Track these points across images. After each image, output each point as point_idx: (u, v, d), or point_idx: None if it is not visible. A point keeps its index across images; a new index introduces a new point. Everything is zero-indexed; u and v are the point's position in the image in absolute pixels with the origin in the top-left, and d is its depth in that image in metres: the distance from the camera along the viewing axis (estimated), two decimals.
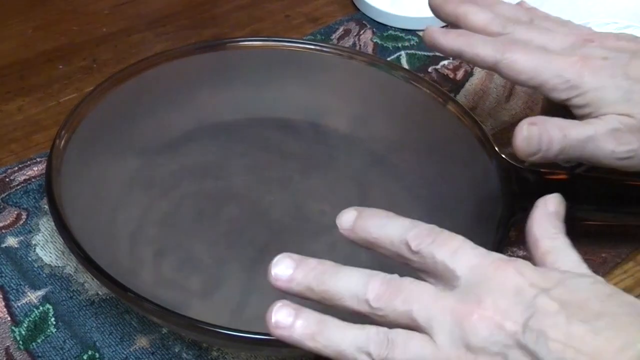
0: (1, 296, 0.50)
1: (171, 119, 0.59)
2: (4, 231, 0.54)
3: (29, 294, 0.50)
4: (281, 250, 0.52)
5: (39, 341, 0.48)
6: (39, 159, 0.58)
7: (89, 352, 0.48)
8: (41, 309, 0.50)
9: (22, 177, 0.57)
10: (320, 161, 0.59)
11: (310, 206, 0.56)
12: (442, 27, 0.51)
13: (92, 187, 0.52)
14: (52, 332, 0.49)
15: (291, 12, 0.74)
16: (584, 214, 0.52)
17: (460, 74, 0.68)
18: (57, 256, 0.52)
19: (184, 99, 0.59)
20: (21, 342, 0.48)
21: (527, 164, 0.50)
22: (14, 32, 0.69)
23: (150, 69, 0.58)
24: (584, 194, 0.52)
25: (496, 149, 0.53)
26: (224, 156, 0.58)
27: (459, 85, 0.67)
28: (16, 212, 0.55)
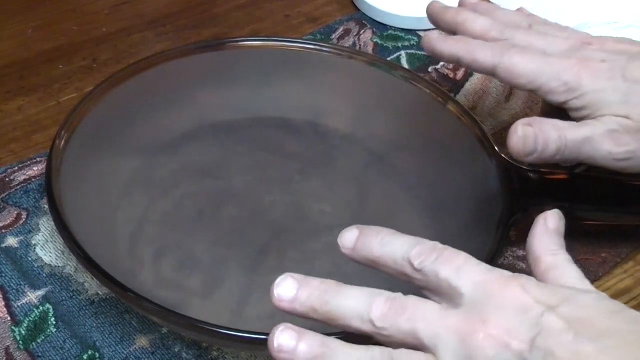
0: (1, 296, 0.50)
1: (171, 119, 0.59)
2: (4, 231, 0.54)
3: (29, 294, 0.50)
4: (281, 250, 0.53)
5: (39, 341, 0.48)
6: (39, 159, 0.58)
7: (89, 352, 0.48)
8: (41, 309, 0.50)
9: (22, 177, 0.57)
10: (320, 161, 0.59)
11: (310, 206, 0.56)
12: (436, 31, 0.51)
13: (92, 187, 0.52)
14: (52, 332, 0.49)
15: (291, 12, 0.74)
16: (584, 214, 0.52)
17: (460, 74, 0.68)
18: (57, 256, 0.52)
19: (184, 99, 0.59)
20: (21, 342, 0.48)
21: (527, 163, 0.50)
22: (14, 32, 0.69)
23: (150, 69, 0.58)
24: (584, 194, 0.52)
25: (496, 148, 0.53)
26: (224, 156, 0.58)
27: (459, 85, 0.67)
28: (16, 212, 0.55)
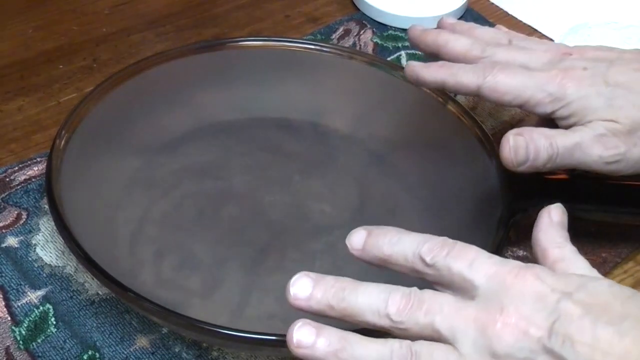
0: (1, 296, 0.50)
1: (171, 119, 0.59)
2: (4, 231, 0.54)
3: (29, 293, 0.50)
4: (281, 250, 0.53)
5: (39, 341, 0.48)
6: (39, 159, 0.58)
7: (89, 352, 0.48)
8: (41, 308, 0.50)
9: (22, 177, 0.57)
10: (320, 161, 0.59)
11: (310, 206, 0.56)
12: (420, 62, 0.52)
13: (92, 187, 0.52)
14: (52, 332, 0.49)
15: (291, 12, 0.74)
16: (584, 214, 0.52)
17: None
18: (57, 256, 0.52)
19: (184, 99, 0.59)
20: (21, 342, 0.48)
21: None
22: (14, 32, 0.69)
23: (150, 69, 0.58)
24: (584, 194, 0.52)
25: (496, 149, 0.53)
26: (224, 156, 0.58)
27: None
28: (16, 212, 0.55)
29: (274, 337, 0.42)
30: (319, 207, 0.55)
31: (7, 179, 0.57)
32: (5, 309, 0.49)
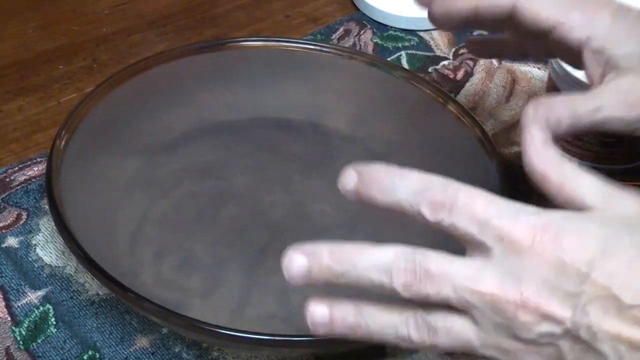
0: (1, 296, 0.50)
1: (171, 119, 0.59)
2: (4, 231, 0.54)
3: (29, 294, 0.50)
4: (281, 250, 0.52)
5: (39, 341, 0.48)
6: (39, 159, 0.58)
7: (89, 352, 0.48)
8: (41, 309, 0.50)
9: (22, 177, 0.57)
10: (320, 161, 0.59)
11: (310, 206, 0.56)
12: None
13: (92, 187, 0.52)
14: (53, 332, 0.49)
15: (291, 12, 0.74)
16: None
17: (460, 74, 0.68)
18: (57, 256, 0.52)
19: (184, 99, 0.59)
20: (21, 342, 0.48)
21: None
22: (14, 32, 0.69)
23: (150, 69, 0.58)
24: None
25: (496, 149, 0.53)
26: (224, 156, 0.58)
27: (459, 85, 0.67)
28: (16, 212, 0.55)
29: (274, 337, 0.42)
30: (319, 207, 0.55)
31: (7, 179, 0.57)
32: (5, 309, 0.49)
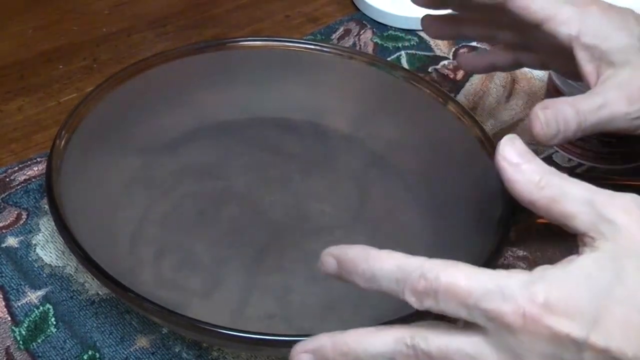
0: (1, 296, 0.50)
1: (171, 119, 0.59)
2: (4, 231, 0.54)
3: (29, 294, 0.50)
4: (281, 250, 0.53)
5: (39, 341, 0.48)
6: (39, 159, 0.58)
7: (89, 352, 0.48)
8: (41, 309, 0.50)
9: (22, 177, 0.57)
10: (320, 161, 0.59)
11: (310, 206, 0.55)
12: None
13: (92, 187, 0.52)
14: (53, 332, 0.49)
15: (291, 12, 0.74)
16: None
17: (460, 74, 0.68)
18: (57, 256, 0.52)
19: (184, 99, 0.59)
20: (21, 342, 0.48)
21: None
22: (14, 32, 0.70)
23: (150, 69, 0.58)
24: None
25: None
26: (224, 156, 0.58)
27: (459, 85, 0.67)
28: (16, 212, 0.55)
29: (274, 337, 0.42)
30: (319, 207, 0.55)
31: (7, 179, 0.57)
32: (5, 309, 0.49)
